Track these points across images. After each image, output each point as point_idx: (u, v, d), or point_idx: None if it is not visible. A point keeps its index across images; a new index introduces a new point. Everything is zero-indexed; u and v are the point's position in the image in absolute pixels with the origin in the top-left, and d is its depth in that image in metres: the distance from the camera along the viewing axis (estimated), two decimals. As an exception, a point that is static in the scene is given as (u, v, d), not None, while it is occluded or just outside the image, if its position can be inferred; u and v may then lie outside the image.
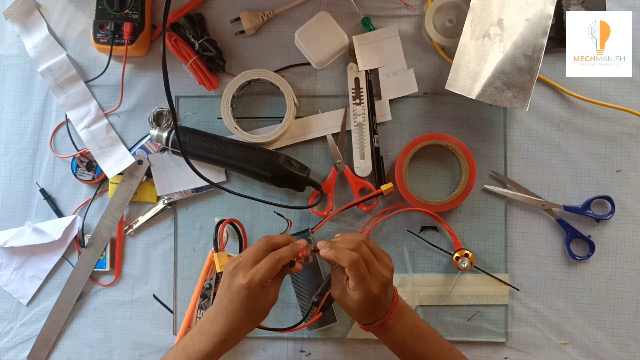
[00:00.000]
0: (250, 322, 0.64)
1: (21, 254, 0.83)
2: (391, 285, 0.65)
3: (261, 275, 0.62)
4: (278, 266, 0.63)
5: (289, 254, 0.64)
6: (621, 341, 0.78)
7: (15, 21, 0.83)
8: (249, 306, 0.62)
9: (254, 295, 0.62)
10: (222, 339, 0.63)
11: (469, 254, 0.76)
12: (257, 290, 0.62)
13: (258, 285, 0.61)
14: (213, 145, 0.78)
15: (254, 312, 0.63)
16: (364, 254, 0.62)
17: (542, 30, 0.72)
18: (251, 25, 0.81)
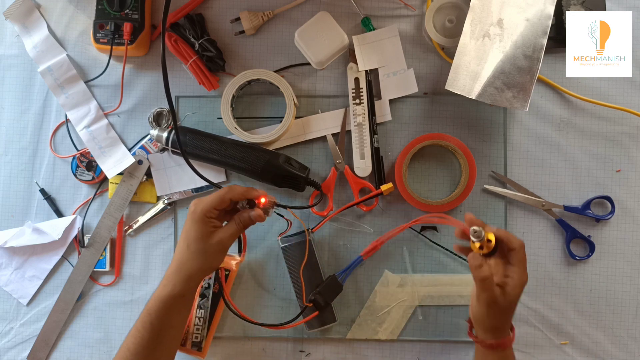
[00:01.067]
0: (193, 257, 0.64)
1: (21, 254, 0.83)
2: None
3: (205, 203, 0.64)
4: (226, 198, 0.64)
5: (240, 191, 0.66)
6: (621, 341, 0.78)
7: (15, 21, 0.83)
8: (191, 235, 0.64)
9: (196, 224, 0.63)
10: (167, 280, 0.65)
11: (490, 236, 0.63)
12: (200, 219, 0.63)
13: (201, 214, 0.63)
14: (213, 145, 0.77)
15: (196, 246, 0.64)
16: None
17: (542, 30, 0.71)
18: (251, 25, 0.81)
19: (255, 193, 0.67)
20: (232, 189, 0.66)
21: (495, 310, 0.62)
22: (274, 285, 0.81)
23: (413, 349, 0.79)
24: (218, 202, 0.64)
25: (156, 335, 0.65)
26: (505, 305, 0.62)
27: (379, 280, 0.80)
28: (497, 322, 0.64)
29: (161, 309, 0.65)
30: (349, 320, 0.80)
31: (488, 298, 0.62)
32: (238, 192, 0.66)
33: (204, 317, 0.77)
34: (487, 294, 0.62)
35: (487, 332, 0.65)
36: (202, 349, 0.77)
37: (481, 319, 0.64)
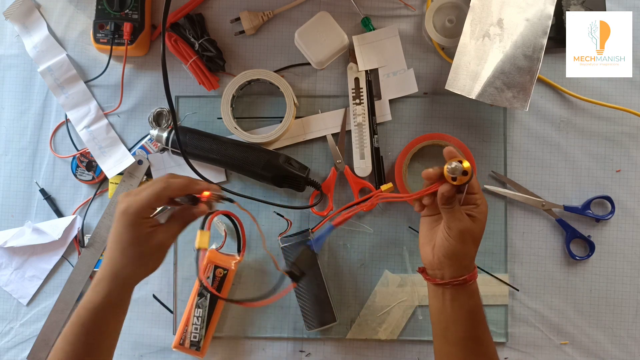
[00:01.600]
0: (130, 263, 0.58)
1: (21, 254, 0.83)
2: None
3: (139, 202, 0.56)
4: (163, 196, 0.57)
5: (179, 186, 0.58)
6: (621, 341, 0.78)
7: (15, 21, 0.83)
8: (125, 238, 0.57)
9: (130, 225, 0.56)
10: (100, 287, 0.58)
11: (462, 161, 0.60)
12: (135, 221, 0.56)
13: (135, 215, 0.56)
14: (213, 145, 0.77)
15: (132, 250, 0.57)
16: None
17: (542, 30, 0.71)
18: (251, 25, 0.81)
19: (197, 187, 0.61)
20: (169, 184, 0.58)
21: (469, 239, 0.60)
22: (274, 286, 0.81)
23: (413, 349, 0.79)
24: (154, 201, 0.57)
25: (90, 346, 0.59)
26: (478, 232, 0.61)
27: (379, 280, 0.80)
28: (472, 253, 0.62)
29: (96, 319, 0.58)
30: (349, 320, 0.80)
31: (463, 227, 0.59)
32: (177, 188, 0.59)
33: (202, 317, 0.77)
34: (461, 223, 0.59)
35: (461, 267, 0.61)
36: (201, 348, 0.77)
37: (456, 254, 0.60)
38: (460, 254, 0.61)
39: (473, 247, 0.61)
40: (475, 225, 0.60)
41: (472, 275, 0.62)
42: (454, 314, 0.62)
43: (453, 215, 0.60)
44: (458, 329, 0.61)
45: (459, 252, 0.60)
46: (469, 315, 0.61)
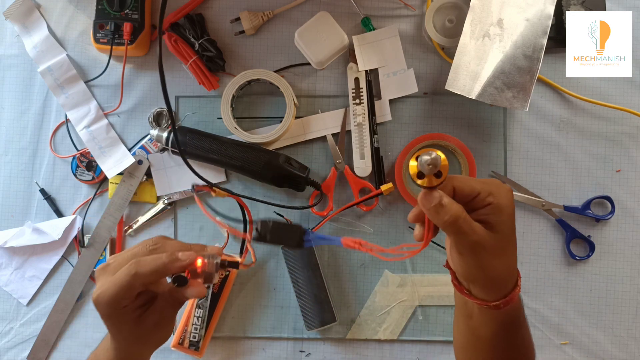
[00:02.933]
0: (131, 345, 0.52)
1: (21, 254, 0.83)
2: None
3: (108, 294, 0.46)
4: (134, 285, 0.47)
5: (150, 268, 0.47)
6: (621, 341, 0.78)
7: (15, 21, 0.83)
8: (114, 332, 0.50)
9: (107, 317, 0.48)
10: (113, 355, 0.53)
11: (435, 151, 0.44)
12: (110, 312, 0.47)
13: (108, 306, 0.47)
14: (213, 145, 0.77)
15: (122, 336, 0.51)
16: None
17: (542, 30, 0.71)
18: (251, 25, 0.81)
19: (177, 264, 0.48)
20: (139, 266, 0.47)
21: (490, 255, 0.45)
22: (274, 285, 0.81)
23: (413, 349, 0.79)
24: (125, 292, 0.47)
25: None
26: (498, 242, 0.45)
27: (379, 280, 0.80)
28: (496, 272, 0.46)
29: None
30: (349, 320, 0.80)
31: (470, 244, 0.45)
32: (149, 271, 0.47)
33: (202, 317, 0.77)
34: (466, 238, 0.45)
35: (487, 289, 0.48)
36: (200, 348, 0.77)
37: (472, 275, 0.47)
38: (481, 277, 0.47)
39: (496, 263, 0.46)
40: (490, 235, 0.45)
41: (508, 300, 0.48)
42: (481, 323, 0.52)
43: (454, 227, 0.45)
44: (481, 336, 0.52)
45: (477, 276, 0.47)
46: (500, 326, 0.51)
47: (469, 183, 0.46)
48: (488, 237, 0.45)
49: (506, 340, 0.53)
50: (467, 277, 0.49)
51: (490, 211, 0.45)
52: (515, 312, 0.51)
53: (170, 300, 0.51)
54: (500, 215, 0.45)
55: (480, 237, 0.45)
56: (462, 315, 0.55)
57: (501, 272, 0.47)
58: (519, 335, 0.54)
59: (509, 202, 0.46)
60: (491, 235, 0.45)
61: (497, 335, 0.52)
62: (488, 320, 0.51)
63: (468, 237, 0.45)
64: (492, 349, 0.53)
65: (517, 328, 0.53)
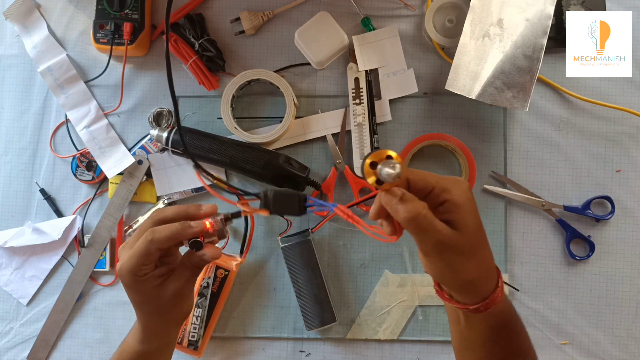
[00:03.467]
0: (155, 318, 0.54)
1: (21, 254, 0.83)
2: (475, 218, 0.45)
3: (130, 263, 0.50)
4: (151, 250, 0.50)
5: (166, 235, 0.50)
6: (621, 341, 0.78)
7: (15, 21, 0.83)
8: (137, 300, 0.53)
9: (130, 287, 0.51)
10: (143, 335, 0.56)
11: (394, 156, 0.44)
12: (133, 282, 0.51)
13: (131, 276, 0.50)
14: (213, 145, 0.77)
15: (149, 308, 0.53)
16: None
17: (542, 30, 0.71)
18: (251, 25, 0.81)
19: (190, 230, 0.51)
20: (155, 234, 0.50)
21: (456, 254, 0.44)
22: (274, 285, 0.81)
23: (413, 349, 0.79)
24: (144, 258, 0.50)
25: None
26: (462, 241, 0.44)
27: (379, 280, 0.80)
28: (468, 273, 0.45)
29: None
30: (349, 320, 0.80)
31: (435, 241, 0.43)
32: (164, 237, 0.50)
33: (201, 316, 0.77)
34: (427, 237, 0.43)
35: (464, 291, 0.46)
36: (199, 348, 0.77)
37: (445, 278, 0.46)
38: (454, 279, 0.46)
39: (465, 263, 0.44)
40: (455, 233, 0.43)
41: (489, 302, 0.46)
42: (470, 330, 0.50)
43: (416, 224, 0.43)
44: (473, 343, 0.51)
45: (450, 278, 0.46)
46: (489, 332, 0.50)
47: (423, 177, 0.45)
48: (452, 235, 0.43)
49: (500, 345, 0.51)
50: (440, 280, 0.47)
51: (448, 208, 0.44)
52: (505, 315, 0.50)
53: (188, 265, 0.53)
54: (458, 212, 0.44)
55: (443, 236, 0.43)
56: (452, 321, 0.54)
57: (473, 273, 0.45)
58: (514, 342, 0.52)
59: (466, 198, 0.44)
60: (455, 234, 0.43)
61: (490, 340, 0.50)
62: (476, 324, 0.50)
63: (429, 236, 0.43)
64: (486, 353, 0.52)
65: (510, 333, 0.51)
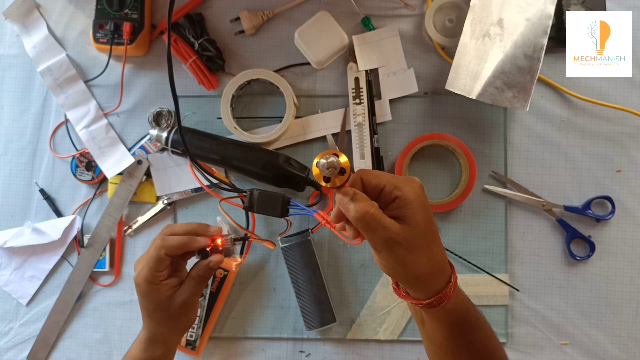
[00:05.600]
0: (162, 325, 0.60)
1: (21, 254, 0.83)
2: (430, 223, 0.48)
3: (144, 271, 0.56)
4: (162, 256, 0.56)
5: (176, 244, 0.57)
6: (621, 341, 0.78)
7: (14, 21, 0.83)
8: (148, 307, 0.58)
9: (146, 296, 0.57)
10: (144, 345, 0.60)
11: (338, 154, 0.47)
12: (148, 289, 0.56)
13: (146, 284, 0.56)
14: (212, 145, 0.77)
15: (159, 315, 0.58)
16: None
17: (543, 30, 0.71)
18: (251, 25, 0.80)
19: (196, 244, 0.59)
20: (165, 241, 0.58)
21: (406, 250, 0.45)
22: (274, 286, 0.81)
23: (413, 350, 0.79)
24: (156, 265, 0.57)
25: None
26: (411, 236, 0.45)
27: (379, 280, 0.80)
28: (418, 267, 0.46)
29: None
30: (349, 321, 0.80)
31: (385, 237, 0.45)
32: (174, 245, 0.57)
33: (200, 316, 0.77)
34: (380, 233, 0.45)
35: (415, 286, 0.48)
36: (197, 348, 0.77)
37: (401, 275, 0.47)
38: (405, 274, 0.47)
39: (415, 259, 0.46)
40: (403, 228, 0.45)
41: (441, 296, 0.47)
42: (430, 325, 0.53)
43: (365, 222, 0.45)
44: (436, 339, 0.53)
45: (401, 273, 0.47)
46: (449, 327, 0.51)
47: (376, 176, 0.47)
48: (401, 231, 0.45)
49: (461, 342, 0.52)
50: (391, 275, 0.49)
51: (398, 205, 0.46)
52: (461, 311, 0.51)
53: (195, 277, 0.60)
54: (408, 208, 0.45)
55: (392, 232, 0.45)
56: (418, 323, 0.56)
57: (423, 267, 0.47)
58: (475, 338, 0.53)
59: (416, 195, 0.46)
60: (404, 230, 0.45)
61: (450, 339, 0.52)
62: (436, 323, 0.51)
63: (378, 233, 0.45)
64: (450, 354, 0.53)
65: (469, 329, 0.52)
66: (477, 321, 0.53)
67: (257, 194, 0.65)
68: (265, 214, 0.67)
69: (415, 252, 0.46)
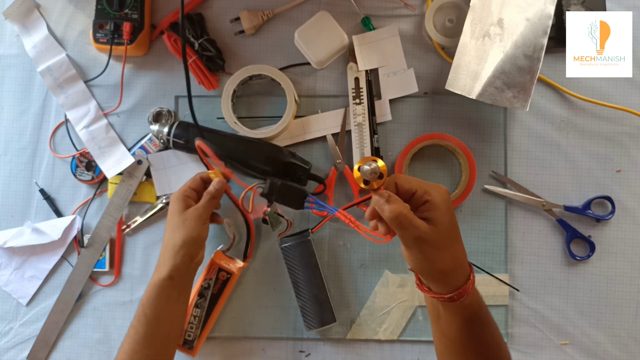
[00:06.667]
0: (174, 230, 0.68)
1: (21, 254, 0.83)
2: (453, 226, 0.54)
3: (183, 187, 0.71)
4: (196, 176, 0.72)
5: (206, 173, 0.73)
6: (621, 341, 0.78)
7: (14, 21, 0.83)
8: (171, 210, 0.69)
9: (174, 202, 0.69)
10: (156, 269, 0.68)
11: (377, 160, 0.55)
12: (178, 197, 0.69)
13: (178, 193, 0.70)
14: (215, 138, 0.77)
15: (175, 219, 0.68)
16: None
17: (543, 30, 0.71)
18: (251, 25, 0.80)
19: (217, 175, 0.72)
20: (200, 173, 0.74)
21: (433, 247, 0.51)
22: (274, 286, 0.81)
23: (413, 350, 0.79)
24: (191, 182, 0.72)
25: (150, 327, 0.66)
26: (438, 236, 0.51)
27: (379, 281, 0.80)
28: (442, 264, 0.52)
29: (152, 297, 0.66)
30: (349, 321, 0.80)
31: (415, 236, 0.51)
32: (206, 173, 0.73)
33: (199, 317, 0.77)
34: (411, 231, 0.51)
35: (439, 281, 0.54)
36: (194, 348, 0.76)
37: (427, 270, 0.54)
38: (431, 270, 0.53)
39: (440, 256, 0.52)
40: (432, 230, 0.51)
41: (461, 292, 0.53)
42: (446, 320, 0.57)
43: (399, 221, 0.51)
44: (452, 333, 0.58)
45: (427, 269, 0.53)
46: (463, 322, 0.56)
47: (408, 181, 0.54)
48: (429, 231, 0.51)
49: (473, 337, 0.57)
50: (418, 270, 0.55)
51: (428, 208, 0.52)
52: (476, 307, 0.56)
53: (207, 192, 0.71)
54: (436, 211, 0.52)
55: (422, 232, 0.51)
56: (433, 319, 0.60)
57: (447, 264, 0.53)
58: (486, 333, 0.58)
59: (443, 200, 0.52)
60: (432, 229, 0.51)
61: (464, 332, 0.57)
62: (452, 317, 0.56)
63: (409, 231, 0.51)
64: (462, 348, 0.58)
65: (481, 324, 0.57)
66: (488, 317, 0.58)
67: (280, 184, 0.71)
68: (284, 204, 0.73)
69: (440, 250, 0.52)
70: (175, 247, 0.67)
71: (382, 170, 0.54)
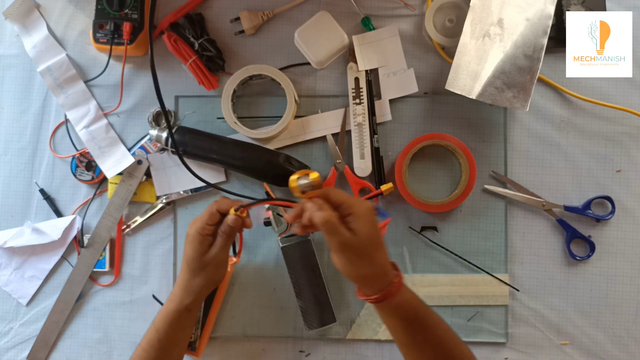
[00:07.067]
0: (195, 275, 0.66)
1: (21, 254, 0.83)
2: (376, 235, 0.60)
3: (198, 222, 0.66)
4: (214, 210, 0.66)
5: (228, 202, 0.67)
6: (621, 341, 0.78)
7: (14, 21, 0.83)
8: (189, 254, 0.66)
9: (191, 244, 0.65)
10: (174, 296, 0.67)
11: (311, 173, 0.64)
12: (195, 238, 0.65)
13: (195, 233, 0.65)
14: (213, 145, 0.77)
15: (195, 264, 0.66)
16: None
17: (543, 30, 0.71)
18: (251, 25, 0.80)
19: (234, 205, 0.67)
20: (220, 200, 0.67)
21: (354, 253, 0.59)
22: (274, 286, 0.81)
23: (413, 349, 0.79)
24: (208, 217, 0.65)
25: (164, 351, 0.67)
26: (361, 242, 0.58)
27: (379, 281, 0.80)
28: (364, 268, 0.59)
29: (168, 324, 0.67)
30: (349, 320, 0.80)
31: (340, 241, 0.58)
32: (225, 203, 0.67)
33: (198, 317, 0.77)
34: (336, 237, 0.58)
35: (364, 284, 0.61)
36: (197, 348, 0.77)
37: (351, 273, 0.60)
38: (354, 273, 0.60)
39: (361, 261, 0.59)
40: (354, 237, 0.58)
41: (385, 293, 0.60)
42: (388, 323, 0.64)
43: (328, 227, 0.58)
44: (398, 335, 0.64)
45: (351, 272, 0.60)
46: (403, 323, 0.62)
47: (339, 194, 0.61)
48: (352, 238, 0.58)
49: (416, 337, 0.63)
50: (344, 273, 0.61)
51: (351, 219, 0.59)
52: (409, 308, 0.62)
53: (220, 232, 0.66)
54: (357, 222, 0.58)
55: (345, 238, 0.58)
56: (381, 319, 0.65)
57: (367, 269, 0.59)
58: (431, 334, 0.63)
59: (365, 213, 0.59)
60: (354, 237, 0.58)
61: (407, 333, 0.63)
62: (389, 318, 0.63)
63: (335, 237, 0.58)
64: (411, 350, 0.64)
65: (422, 325, 0.63)
66: (430, 319, 0.63)
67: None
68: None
69: (361, 256, 0.59)
70: (197, 288, 0.67)
71: (316, 182, 0.62)
